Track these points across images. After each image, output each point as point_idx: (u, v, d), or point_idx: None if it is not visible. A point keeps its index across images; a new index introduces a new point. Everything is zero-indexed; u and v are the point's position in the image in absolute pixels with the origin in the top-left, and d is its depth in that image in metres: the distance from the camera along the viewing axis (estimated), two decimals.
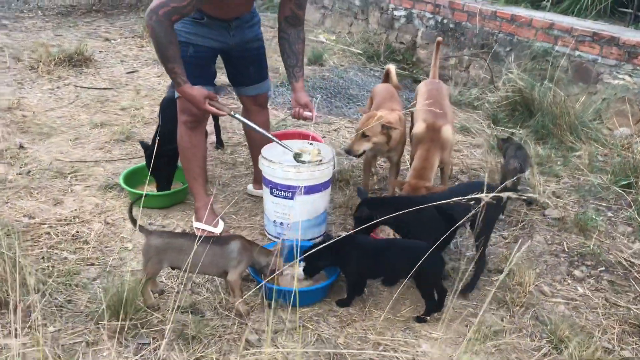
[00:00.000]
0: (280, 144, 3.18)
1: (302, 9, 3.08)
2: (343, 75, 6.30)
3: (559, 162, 4.38)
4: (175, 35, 2.77)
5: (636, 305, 2.90)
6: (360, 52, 7.26)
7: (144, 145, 3.64)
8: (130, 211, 2.66)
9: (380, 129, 3.32)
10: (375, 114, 3.37)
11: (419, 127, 3.46)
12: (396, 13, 7.36)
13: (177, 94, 3.14)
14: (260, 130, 3.10)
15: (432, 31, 6.79)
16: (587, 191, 3.97)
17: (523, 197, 3.47)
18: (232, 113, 3.02)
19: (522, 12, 5.87)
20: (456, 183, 4.07)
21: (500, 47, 5.89)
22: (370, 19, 7.83)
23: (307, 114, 3.20)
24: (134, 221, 2.63)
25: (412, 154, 3.49)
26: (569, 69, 5.23)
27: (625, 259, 3.25)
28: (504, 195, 1.94)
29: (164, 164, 3.51)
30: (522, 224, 3.58)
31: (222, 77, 4.04)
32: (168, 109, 3.51)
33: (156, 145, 3.27)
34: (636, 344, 2.66)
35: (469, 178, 4.06)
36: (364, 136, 3.33)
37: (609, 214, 3.72)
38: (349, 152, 3.39)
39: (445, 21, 6.61)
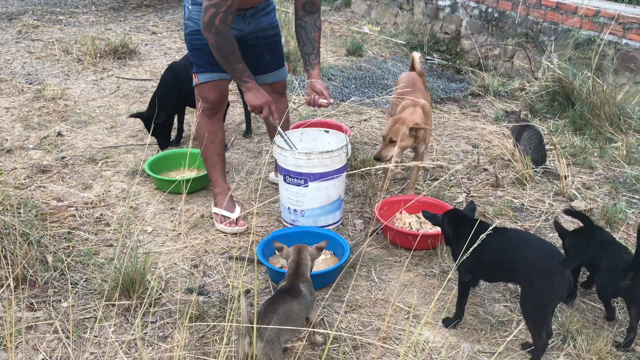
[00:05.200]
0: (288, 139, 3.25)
1: None
2: (381, 65, 6.26)
3: (595, 154, 4.23)
4: (234, 37, 2.90)
5: None
6: (404, 42, 7.20)
7: (136, 115, 4.12)
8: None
9: (409, 133, 3.28)
10: (401, 118, 3.30)
11: None
12: (440, 3, 7.25)
13: (194, 82, 3.21)
14: (291, 144, 3.24)
15: (476, 21, 6.66)
16: (621, 183, 3.82)
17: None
18: (279, 126, 3.18)
19: None
20: (483, 173, 4.00)
21: (544, 36, 5.71)
22: (415, 9, 7.74)
23: (322, 101, 3.21)
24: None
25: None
26: (614, 57, 5.03)
27: None
28: None
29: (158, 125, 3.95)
30: (545, 215, 3.48)
31: None
32: (166, 72, 4.12)
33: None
34: None
35: (494, 169, 3.96)
36: (391, 142, 3.28)
37: None
38: (378, 159, 3.33)
39: (489, 10, 6.47)
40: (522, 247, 2.37)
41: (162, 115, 3.98)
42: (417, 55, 3.98)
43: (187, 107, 4.30)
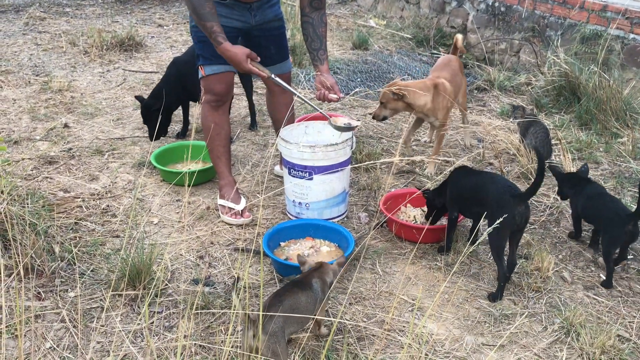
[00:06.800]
0: (311, 104, 3.20)
1: None
2: (387, 59, 6.25)
3: (600, 149, 4.22)
4: None
5: None
6: (410, 36, 7.18)
7: (139, 98, 4.14)
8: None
9: (392, 96, 3.57)
10: (395, 82, 3.65)
11: None
12: None
13: (201, 74, 3.22)
14: (294, 91, 3.23)
15: (482, 15, 6.64)
16: (626, 178, 3.82)
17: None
18: (273, 76, 3.08)
19: None
20: (488, 167, 4.01)
21: (551, 31, 5.69)
22: (422, 3, 7.72)
23: (332, 96, 3.21)
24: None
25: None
26: (621, 52, 5.01)
27: None
28: None
29: (151, 114, 4.02)
30: (550, 209, 3.48)
31: None
32: (170, 67, 4.16)
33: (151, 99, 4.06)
34: None
35: (499, 163, 3.97)
36: (381, 103, 3.66)
37: None
38: (373, 117, 3.77)
39: (496, 4, 6.45)
40: (487, 184, 2.80)
41: (158, 103, 4.04)
42: (460, 36, 4.21)
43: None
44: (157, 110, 4.01)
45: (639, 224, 2.84)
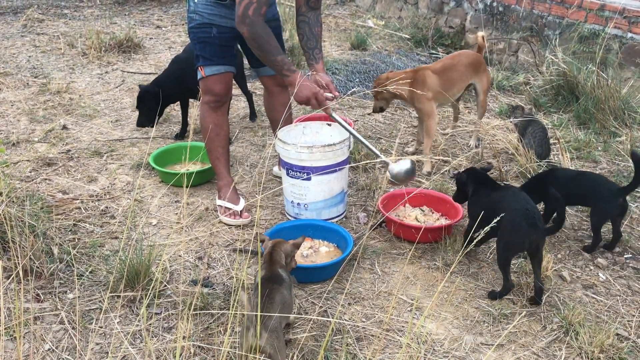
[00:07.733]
0: (370, 148, 3.16)
1: None
2: (385, 59, 6.26)
3: (599, 148, 4.22)
4: (269, 28, 2.89)
5: None
6: (408, 36, 7.19)
7: (141, 86, 4.26)
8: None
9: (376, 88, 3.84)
10: (381, 75, 3.92)
11: None
12: None
13: (200, 75, 3.22)
14: (358, 136, 3.12)
15: (481, 15, 6.65)
16: (624, 177, 3.82)
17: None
18: (333, 114, 3.08)
19: None
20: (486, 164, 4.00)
21: (549, 30, 5.70)
22: (420, 3, 7.72)
23: (328, 95, 3.21)
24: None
25: None
26: (619, 51, 5.01)
27: None
28: None
29: (147, 99, 4.16)
30: None
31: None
32: (171, 63, 4.31)
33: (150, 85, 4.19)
34: None
35: (497, 162, 3.97)
36: (374, 96, 3.99)
37: None
38: (372, 110, 4.11)
39: (494, 4, 6.46)
40: (505, 204, 2.71)
41: (156, 90, 4.14)
42: (480, 33, 4.36)
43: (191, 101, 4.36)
44: (153, 95, 4.09)
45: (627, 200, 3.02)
